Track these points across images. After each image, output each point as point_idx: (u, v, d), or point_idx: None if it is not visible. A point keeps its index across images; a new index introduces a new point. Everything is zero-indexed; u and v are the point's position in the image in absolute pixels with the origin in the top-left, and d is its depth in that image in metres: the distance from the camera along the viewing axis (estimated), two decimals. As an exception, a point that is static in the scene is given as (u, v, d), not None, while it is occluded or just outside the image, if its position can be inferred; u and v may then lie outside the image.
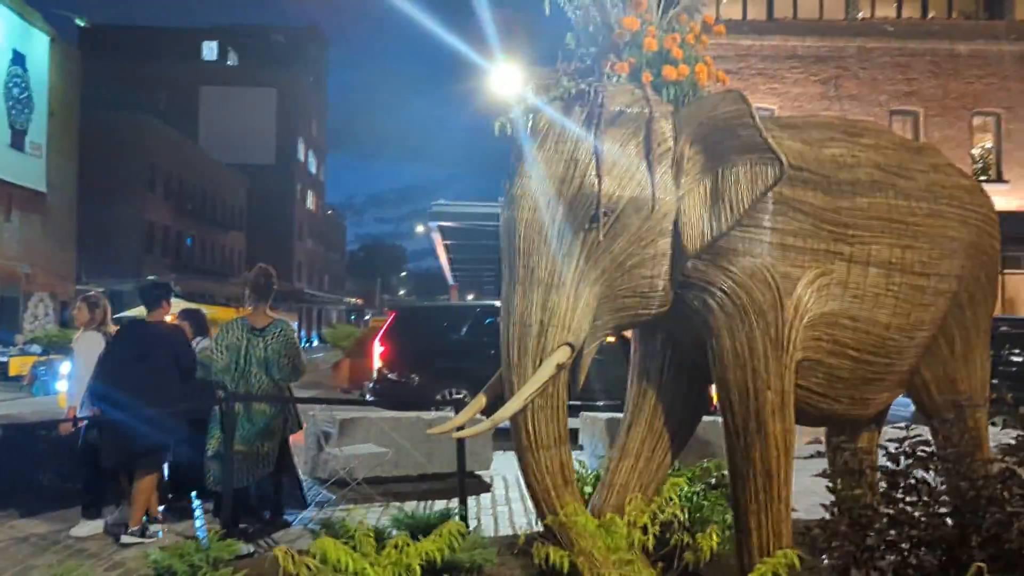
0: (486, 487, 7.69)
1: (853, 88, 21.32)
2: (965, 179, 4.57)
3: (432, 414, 8.11)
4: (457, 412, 4.07)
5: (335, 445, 7.23)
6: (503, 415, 3.34)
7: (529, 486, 3.51)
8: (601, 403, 11.15)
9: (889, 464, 3.32)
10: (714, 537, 2.77)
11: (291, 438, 6.03)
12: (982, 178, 20.14)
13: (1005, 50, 21.75)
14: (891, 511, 3.09)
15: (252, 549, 5.20)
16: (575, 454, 8.94)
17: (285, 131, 58.79)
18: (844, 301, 3.92)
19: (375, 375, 11.55)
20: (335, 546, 2.28)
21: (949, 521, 3.10)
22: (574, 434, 9.21)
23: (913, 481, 3.18)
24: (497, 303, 14.33)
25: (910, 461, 3.21)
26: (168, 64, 53.63)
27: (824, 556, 3.23)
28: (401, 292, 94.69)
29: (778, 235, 3.71)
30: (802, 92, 21.35)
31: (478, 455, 8.06)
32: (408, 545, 2.52)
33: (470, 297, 39.19)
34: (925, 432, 4.20)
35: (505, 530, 6.09)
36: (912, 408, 4.91)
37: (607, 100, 3.48)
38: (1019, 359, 8.93)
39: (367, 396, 11.73)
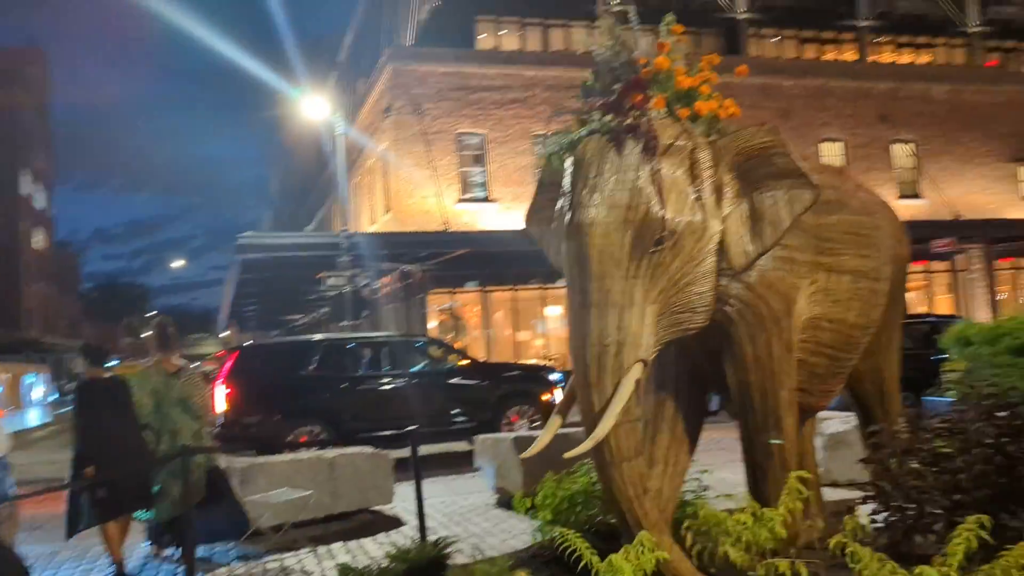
0: (398, 522, 7.53)
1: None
2: (878, 197, 5.35)
3: (332, 452, 7.86)
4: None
5: (242, 494, 6.81)
6: (601, 433, 3.48)
7: (613, 500, 3.67)
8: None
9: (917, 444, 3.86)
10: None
11: None
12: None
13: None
14: (936, 483, 3.60)
15: None
16: (472, 476, 9.09)
17: (5, 162, 52.68)
18: (824, 305, 4.49)
19: (221, 419, 10.87)
20: (624, 561, 2.31)
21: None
22: (469, 455, 9.27)
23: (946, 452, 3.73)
24: (332, 336, 13.97)
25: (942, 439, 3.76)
26: None
27: (876, 528, 3.70)
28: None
29: (788, 251, 4.19)
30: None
31: (380, 488, 7.90)
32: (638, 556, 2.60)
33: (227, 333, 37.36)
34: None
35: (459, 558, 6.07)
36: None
37: (660, 133, 3.77)
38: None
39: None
